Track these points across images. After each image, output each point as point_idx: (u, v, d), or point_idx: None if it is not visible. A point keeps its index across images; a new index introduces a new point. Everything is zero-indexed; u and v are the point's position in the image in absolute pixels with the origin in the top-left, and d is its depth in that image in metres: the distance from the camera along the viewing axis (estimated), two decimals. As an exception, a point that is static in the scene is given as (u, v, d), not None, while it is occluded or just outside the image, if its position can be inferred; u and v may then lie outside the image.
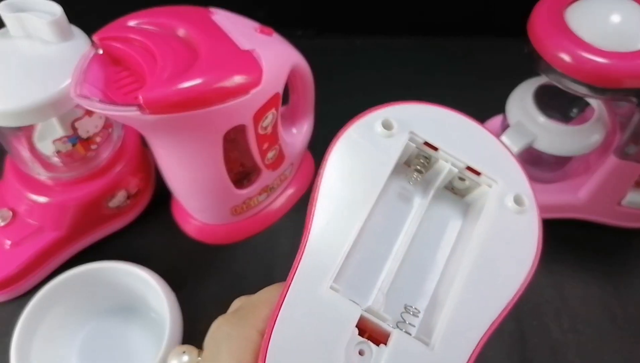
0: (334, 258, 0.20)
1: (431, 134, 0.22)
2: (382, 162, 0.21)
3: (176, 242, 0.48)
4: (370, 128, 0.22)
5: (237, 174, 0.45)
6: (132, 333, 0.42)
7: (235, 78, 0.34)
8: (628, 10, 0.36)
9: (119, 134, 0.46)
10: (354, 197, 0.21)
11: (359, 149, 0.22)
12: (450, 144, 0.22)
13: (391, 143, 0.22)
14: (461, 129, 0.23)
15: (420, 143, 0.22)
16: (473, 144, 0.23)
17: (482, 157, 0.22)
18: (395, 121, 0.22)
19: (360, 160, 0.21)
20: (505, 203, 0.22)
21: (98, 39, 0.35)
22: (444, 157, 0.22)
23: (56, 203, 0.43)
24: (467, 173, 0.22)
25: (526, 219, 0.21)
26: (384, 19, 0.65)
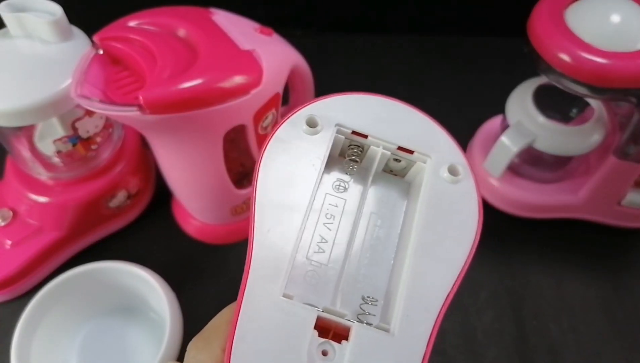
0: (280, 265, 0.20)
1: (358, 123, 0.23)
2: (312, 159, 0.22)
3: (176, 242, 0.48)
4: (295, 128, 0.22)
5: (237, 174, 0.45)
6: (132, 333, 0.42)
7: (235, 78, 0.34)
8: (628, 10, 0.36)
9: (119, 134, 0.47)
10: (290, 199, 0.21)
11: (287, 151, 0.22)
12: (378, 129, 0.23)
13: (318, 139, 0.22)
14: (388, 112, 0.23)
15: (348, 133, 0.23)
16: (401, 124, 0.23)
17: (412, 135, 0.23)
18: (320, 116, 0.22)
19: (291, 161, 0.21)
20: (440, 174, 0.22)
21: (98, 39, 0.35)
22: (374, 143, 0.23)
23: (56, 203, 0.43)
24: (400, 153, 0.23)
25: (463, 187, 0.22)
26: (384, 18, 0.66)
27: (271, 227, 0.20)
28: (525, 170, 0.48)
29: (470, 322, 0.43)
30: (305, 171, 0.21)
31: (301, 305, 0.19)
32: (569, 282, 0.46)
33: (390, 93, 0.61)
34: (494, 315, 0.44)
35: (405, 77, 0.62)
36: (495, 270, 0.46)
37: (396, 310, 0.20)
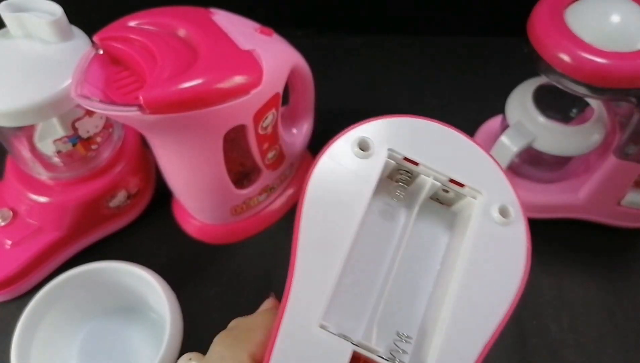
0: (320, 294, 0.19)
1: (411, 149, 0.21)
2: (362, 186, 0.21)
3: (176, 242, 0.48)
4: (346, 150, 0.21)
5: (237, 174, 0.45)
6: (132, 333, 0.42)
7: (235, 78, 0.34)
8: (628, 11, 0.36)
9: (120, 134, 0.47)
10: (336, 227, 0.20)
11: (336, 175, 0.21)
12: (431, 157, 0.21)
13: (369, 163, 0.21)
14: (442, 140, 0.22)
15: (400, 159, 0.22)
16: (455, 154, 0.22)
17: (465, 168, 0.22)
18: (372, 139, 0.21)
19: (339, 186, 0.20)
20: (490, 214, 0.21)
21: (98, 39, 0.35)
22: (425, 172, 0.21)
23: (56, 203, 0.43)
24: (451, 186, 0.22)
25: (513, 230, 0.21)
26: (384, 18, 0.66)
27: (314, 254, 0.20)
28: (525, 170, 0.48)
29: (470, 322, 0.43)
30: (354, 197, 0.20)
31: (337, 338, 0.19)
32: (569, 282, 0.46)
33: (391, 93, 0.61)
34: (494, 315, 0.44)
35: (405, 78, 0.62)
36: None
37: (430, 354, 0.19)
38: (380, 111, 0.64)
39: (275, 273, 0.46)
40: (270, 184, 0.47)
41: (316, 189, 0.20)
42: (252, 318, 0.22)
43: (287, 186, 0.50)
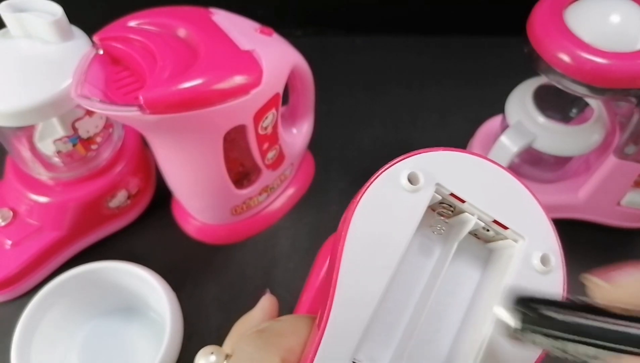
0: (356, 328, 0.19)
1: (458, 185, 0.21)
2: (407, 220, 0.20)
3: (176, 242, 0.48)
4: (395, 182, 0.20)
5: (237, 174, 0.45)
6: (132, 333, 0.42)
7: (235, 78, 0.34)
8: (628, 11, 0.36)
9: (120, 134, 0.47)
10: (378, 261, 0.20)
11: (383, 207, 0.20)
12: (477, 196, 0.21)
13: (417, 198, 0.20)
14: (490, 178, 0.21)
15: (446, 195, 0.21)
16: (502, 194, 0.21)
17: (510, 210, 0.21)
18: (422, 172, 0.20)
19: (385, 220, 0.20)
20: (531, 261, 0.20)
21: (98, 40, 0.35)
22: (469, 210, 0.21)
23: (56, 203, 0.43)
24: (494, 226, 0.21)
25: (551, 279, 0.20)
26: (384, 18, 0.66)
27: (353, 288, 0.19)
28: (525, 170, 0.48)
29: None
30: (398, 231, 0.20)
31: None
32: (568, 282, 0.46)
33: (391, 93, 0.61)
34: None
35: (405, 78, 0.62)
36: None
37: None
38: (380, 111, 0.64)
39: (275, 273, 0.46)
40: (270, 184, 0.47)
41: (361, 221, 0.20)
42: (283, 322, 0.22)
43: (287, 186, 0.50)
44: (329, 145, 0.54)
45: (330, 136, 0.55)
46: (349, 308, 0.19)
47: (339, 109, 0.58)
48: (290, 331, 0.21)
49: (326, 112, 0.52)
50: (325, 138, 0.53)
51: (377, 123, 0.57)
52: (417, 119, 0.58)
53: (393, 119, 0.58)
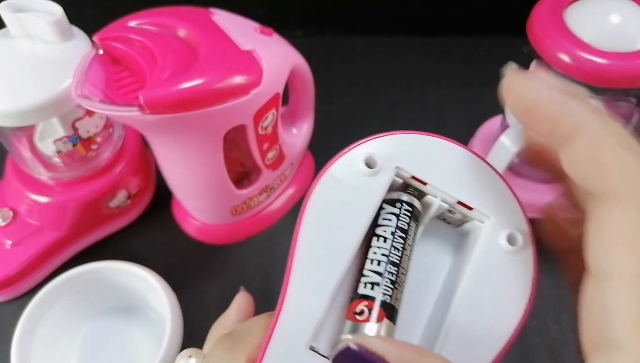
0: (313, 315, 0.19)
1: (419, 167, 0.20)
2: (365, 205, 0.20)
3: (176, 242, 0.48)
4: (352, 167, 0.20)
5: (237, 174, 0.45)
6: (132, 333, 0.42)
7: (235, 78, 0.34)
8: (628, 11, 0.36)
9: (120, 134, 0.47)
10: (335, 246, 0.19)
11: (340, 192, 0.20)
12: (440, 177, 0.20)
13: (375, 181, 0.20)
14: (454, 160, 0.21)
15: (407, 178, 0.21)
16: (467, 175, 0.20)
17: (476, 190, 0.20)
18: (379, 156, 0.20)
19: (342, 204, 0.20)
20: (497, 241, 0.20)
21: (99, 40, 0.35)
22: (433, 192, 0.20)
23: (57, 203, 0.44)
24: (459, 208, 0.20)
25: (520, 259, 0.19)
26: (385, 18, 0.66)
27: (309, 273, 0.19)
28: (526, 170, 0.48)
29: (470, 322, 0.43)
30: (356, 216, 0.19)
31: (325, 361, 0.19)
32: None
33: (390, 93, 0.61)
34: (494, 315, 0.44)
35: (405, 78, 0.62)
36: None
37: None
38: (380, 111, 0.64)
39: (275, 273, 0.46)
40: (270, 184, 0.47)
41: (317, 206, 0.20)
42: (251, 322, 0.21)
43: (287, 186, 0.50)
44: (329, 145, 0.54)
45: (330, 136, 0.55)
46: (304, 294, 0.19)
47: (339, 109, 0.58)
48: (257, 329, 0.20)
49: (326, 112, 0.52)
50: (325, 138, 0.53)
51: (377, 123, 0.57)
52: (417, 120, 0.58)
53: (393, 119, 0.58)
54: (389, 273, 0.19)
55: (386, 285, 0.19)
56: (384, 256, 0.19)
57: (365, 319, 0.18)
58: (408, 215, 0.20)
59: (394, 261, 0.19)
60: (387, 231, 0.20)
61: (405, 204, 0.20)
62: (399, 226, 0.20)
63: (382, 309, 0.18)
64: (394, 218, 0.20)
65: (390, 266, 0.19)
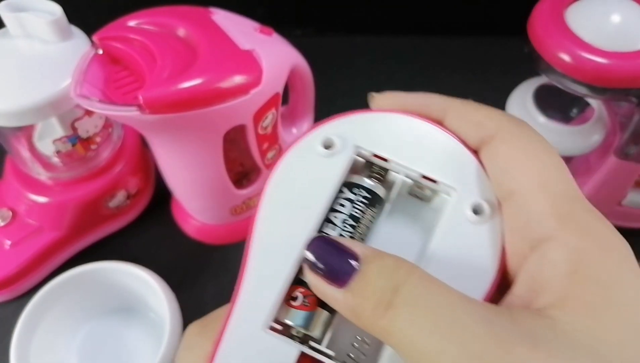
0: (270, 296, 0.18)
1: (381, 144, 0.20)
2: (323, 187, 0.19)
3: (176, 242, 0.48)
4: (311, 149, 0.20)
5: (237, 174, 0.45)
6: (132, 334, 0.42)
7: (235, 78, 0.34)
8: (628, 10, 0.36)
9: (119, 134, 0.46)
10: (291, 230, 0.19)
11: (298, 176, 0.20)
12: (402, 153, 0.20)
13: (333, 162, 0.20)
14: (417, 134, 0.20)
15: (368, 156, 0.20)
16: (430, 148, 0.20)
17: (440, 163, 0.20)
18: (338, 136, 0.20)
19: (300, 188, 0.19)
20: (463, 212, 0.19)
21: (98, 39, 0.35)
22: (395, 168, 0.20)
23: (56, 203, 0.43)
24: (424, 182, 0.20)
25: (486, 230, 0.19)
26: (385, 18, 0.66)
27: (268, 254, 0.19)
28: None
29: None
30: (316, 198, 0.19)
31: (285, 339, 0.18)
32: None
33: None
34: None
35: (405, 78, 0.62)
36: None
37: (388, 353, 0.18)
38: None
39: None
40: (270, 184, 0.46)
41: (277, 188, 0.20)
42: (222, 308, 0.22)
43: (287, 186, 0.50)
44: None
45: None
46: (263, 276, 0.19)
47: (339, 109, 0.57)
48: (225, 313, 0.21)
49: (326, 112, 0.52)
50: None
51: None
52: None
53: (393, 119, 0.57)
54: None
55: None
56: None
57: (297, 306, 0.19)
58: (364, 202, 0.20)
59: None
60: (337, 218, 0.19)
61: (364, 190, 0.20)
62: (351, 214, 0.20)
63: (314, 297, 0.18)
64: (348, 204, 0.20)
65: None
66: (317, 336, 0.19)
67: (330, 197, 0.19)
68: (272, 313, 0.18)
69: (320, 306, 0.19)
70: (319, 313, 0.19)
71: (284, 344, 0.18)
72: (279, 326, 0.19)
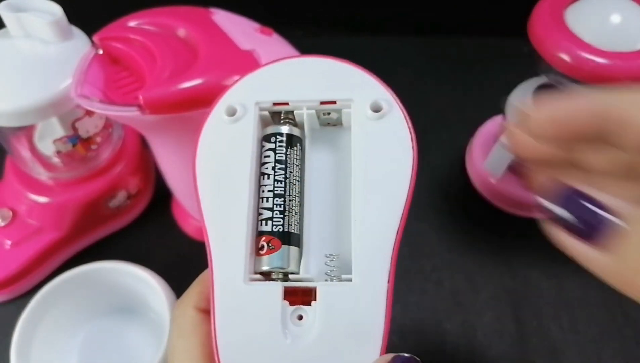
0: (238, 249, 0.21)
1: (277, 92, 0.22)
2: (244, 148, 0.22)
3: (176, 242, 0.48)
4: (218, 122, 0.22)
5: (237, 174, 0.45)
6: (132, 334, 0.42)
7: (235, 78, 0.34)
8: (628, 11, 0.36)
9: (119, 134, 0.47)
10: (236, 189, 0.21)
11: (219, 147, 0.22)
12: (298, 91, 0.22)
13: (242, 125, 0.22)
14: (308, 71, 0.23)
15: (270, 107, 0.22)
16: (323, 79, 0.22)
17: (333, 86, 0.22)
18: (238, 101, 0.22)
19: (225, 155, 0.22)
20: (365, 114, 0.22)
21: (98, 39, 0.35)
22: (297, 106, 0.22)
23: (56, 203, 0.43)
24: (325, 107, 0.22)
25: (390, 121, 0.22)
26: (385, 18, 0.66)
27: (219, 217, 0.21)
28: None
29: (470, 322, 0.43)
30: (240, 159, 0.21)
31: (265, 283, 0.20)
32: (569, 282, 0.46)
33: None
34: (494, 315, 0.44)
35: (405, 78, 0.62)
36: (495, 270, 0.46)
37: (353, 258, 0.20)
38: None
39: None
40: (270, 184, 0.47)
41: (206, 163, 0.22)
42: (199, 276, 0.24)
43: (287, 186, 0.50)
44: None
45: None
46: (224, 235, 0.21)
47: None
48: (197, 281, 0.23)
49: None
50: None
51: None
52: (417, 120, 0.58)
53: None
54: (277, 205, 0.21)
55: (277, 217, 0.21)
56: (269, 191, 0.22)
57: (264, 252, 0.21)
58: (283, 145, 0.22)
59: (279, 194, 0.22)
60: (268, 168, 0.22)
61: (279, 136, 0.22)
62: (277, 159, 0.22)
63: (277, 239, 0.21)
64: (271, 153, 0.22)
65: (277, 198, 0.21)
66: (294, 269, 0.21)
67: (254, 153, 0.22)
68: (248, 268, 0.21)
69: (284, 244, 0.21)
70: (287, 249, 0.21)
71: (267, 287, 0.20)
72: (258, 276, 0.21)
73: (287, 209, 0.21)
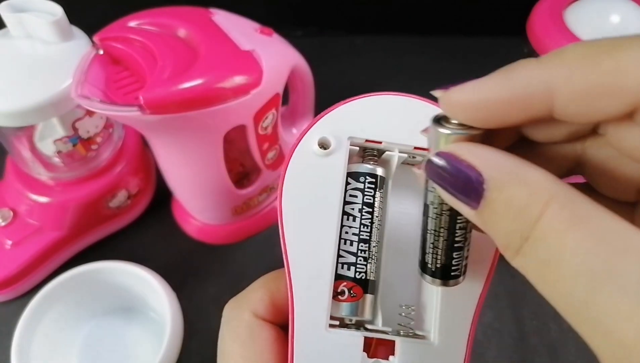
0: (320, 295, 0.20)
1: (371, 129, 0.21)
2: (332, 184, 0.21)
3: (176, 242, 0.48)
4: (310, 152, 0.21)
5: (237, 175, 0.45)
6: (132, 333, 0.42)
7: (235, 78, 0.34)
8: (627, 11, 0.36)
9: (120, 135, 0.47)
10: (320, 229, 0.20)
11: (306, 179, 0.21)
12: (392, 132, 0.21)
13: (334, 159, 0.21)
14: (400, 110, 0.22)
15: (363, 144, 0.21)
16: (415, 120, 0.21)
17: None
18: (331, 134, 0.21)
19: (312, 189, 0.20)
20: None
21: (99, 40, 0.35)
22: (389, 147, 0.21)
23: (57, 203, 0.44)
24: (417, 152, 0.22)
25: None
26: (385, 18, 0.66)
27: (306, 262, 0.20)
28: None
29: (470, 322, 0.43)
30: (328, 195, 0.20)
31: (347, 332, 0.20)
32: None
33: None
34: (494, 315, 0.44)
35: (405, 78, 0.62)
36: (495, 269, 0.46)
37: (433, 317, 0.20)
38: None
39: (275, 273, 0.46)
40: (270, 184, 0.47)
41: (291, 197, 0.20)
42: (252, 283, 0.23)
43: (287, 186, 0.50)
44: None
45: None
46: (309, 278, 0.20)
47: (339, 109, 0.58)
48: (258, 286, 0.22)
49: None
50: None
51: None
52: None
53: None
54: (361, 251, 0.21)
55: (360, 263, 0.20)
56: (354, 235, 0.21)
57: (345, 299, 0.20)
58: (372, 187, 0.21)
59: (364, 239, 0.21)
60: (354, 209, 0.21)
61: (368, 176, 0.21)
62: (365, 202, 0.21)
63: (359, 287, 0.20)
64: (359, 193, 0.21)
65: (362, 244, 0.21)
66: (368, 318, 0.21)
67: (341, 192, 0.21)
68: (328, 313, 0.20)
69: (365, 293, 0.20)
70: (366, 297, 0.20)
71: (349, 336, 0.20)
72: (336, 322, 0.20)
73: (370, 256, 0.21)
